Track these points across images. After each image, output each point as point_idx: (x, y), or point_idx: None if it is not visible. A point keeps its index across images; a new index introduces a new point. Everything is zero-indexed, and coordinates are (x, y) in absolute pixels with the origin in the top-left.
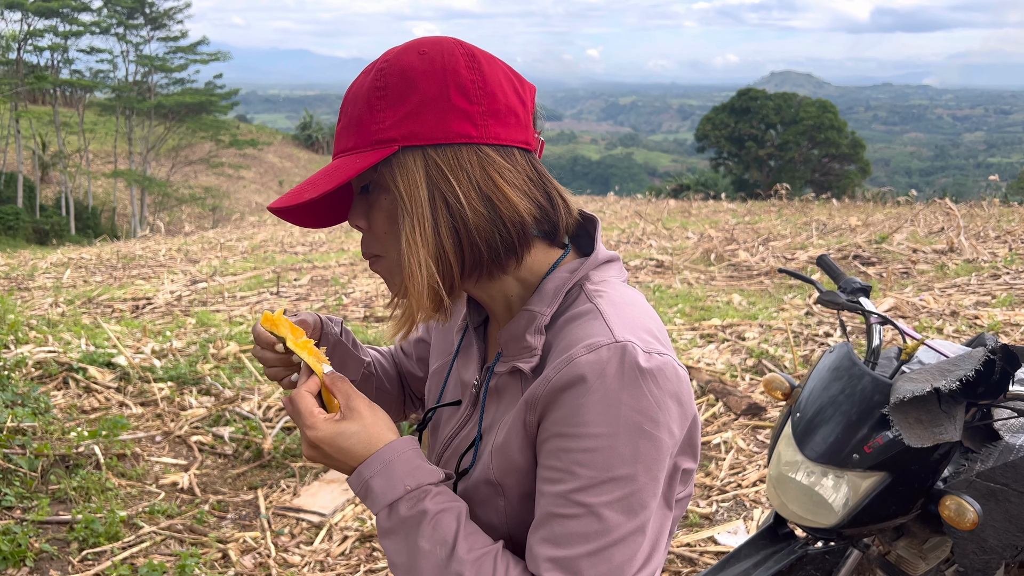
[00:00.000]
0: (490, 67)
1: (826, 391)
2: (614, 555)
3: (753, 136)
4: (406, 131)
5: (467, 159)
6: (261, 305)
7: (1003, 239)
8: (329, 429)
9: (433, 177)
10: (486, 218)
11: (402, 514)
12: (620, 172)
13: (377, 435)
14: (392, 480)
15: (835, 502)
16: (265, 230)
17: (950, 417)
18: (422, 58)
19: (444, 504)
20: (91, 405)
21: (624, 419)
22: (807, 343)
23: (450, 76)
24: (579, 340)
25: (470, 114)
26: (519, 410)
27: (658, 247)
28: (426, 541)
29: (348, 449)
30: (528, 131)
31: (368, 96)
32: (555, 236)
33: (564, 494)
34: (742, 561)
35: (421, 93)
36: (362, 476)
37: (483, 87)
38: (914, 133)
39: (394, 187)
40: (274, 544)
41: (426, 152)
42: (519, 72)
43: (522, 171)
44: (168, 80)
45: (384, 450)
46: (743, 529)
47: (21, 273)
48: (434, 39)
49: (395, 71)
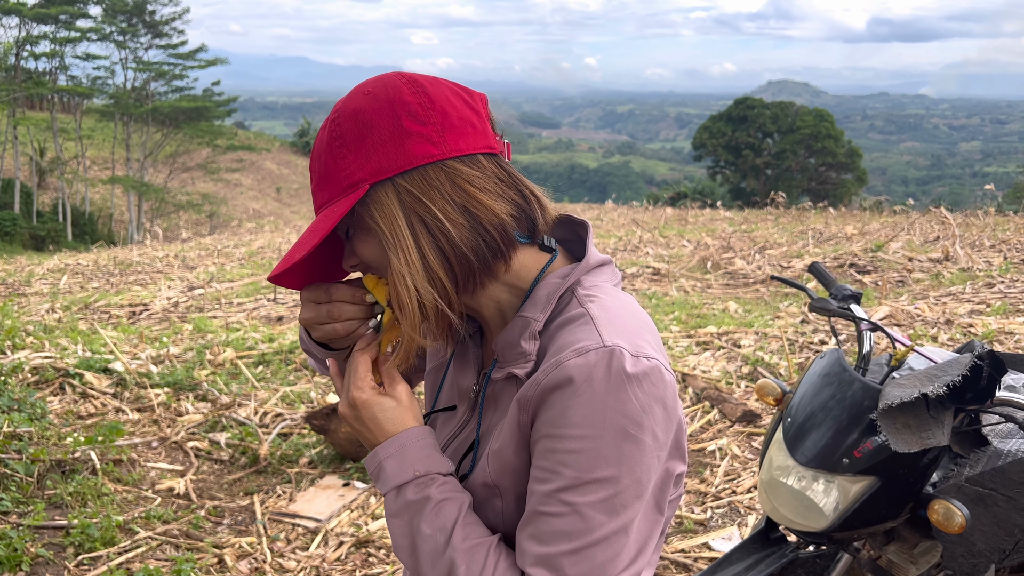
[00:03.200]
0: (434, 88)
1: (817, 397)
2: (596, 554)
3: (750, 145)
4: (372, 168)
5: (435, 177)
6: (257, 311)
7: (998, 248)
8: (372, 396)
9: (407, 203)
10: (467, 228)
11: (408, 498)
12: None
13: (403, 419)
14: (404, 464)
15: (826, 506)
16: (262, 236)
17: (938, 422)
18: (368, 97)
19: (448, 493)
20: (87, 411)
21: (609, 422)
22: (802, 351)
23: (398, 106)
24: (570, 344)
25: (426, 135)
26: (513, 411)
27: (655, 255)
28: (428, 526)
29: (379, 420)
30: (488, 136)
31: (329, 148)
32: (535, 234)
33: (550, 493)
34: (734, 565)
35: (376, 129)
36: (377, 456)
37: (431, 107)
38: (910, 142)
39: (374, 224)
40: (270, 549)
41: (395, 182)
42: (473, 85)
43: (491, 175)
44: (167, 88)
45: (403, 434)
46: (737, 535)
47: (18, 279)
48: (375, 78)
49: (346, 117)
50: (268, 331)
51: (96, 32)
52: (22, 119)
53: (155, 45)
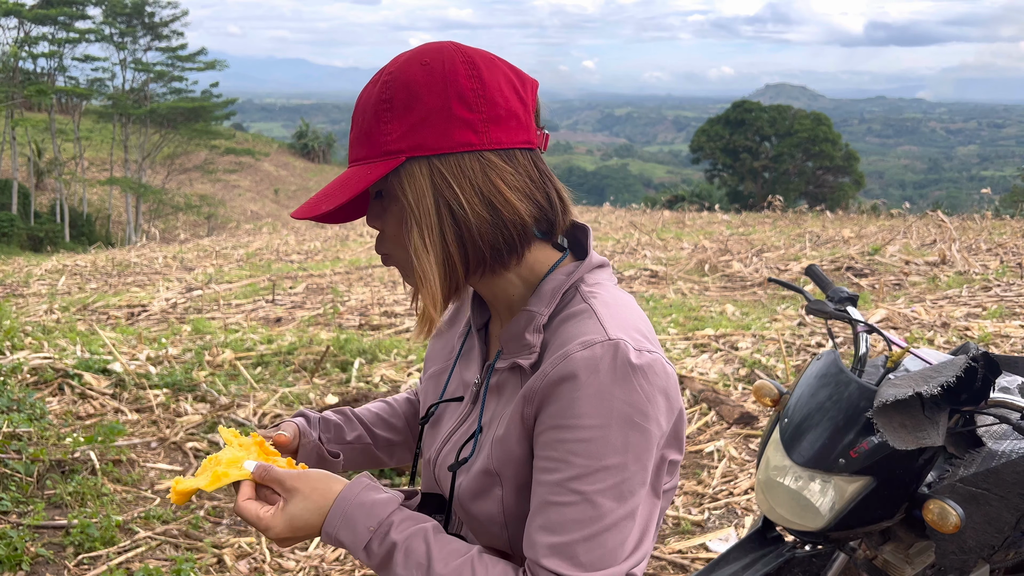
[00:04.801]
0: (489, 72)
1: (813, 397)
2: (607, 540)
3: (748, 148)
4: (412, 143)
5: (469, 166)
6: (256, 313)
7: (995, 252)
8: (281, 520)
9: (438, 185)
10: (488, 222)
11: (376, 551)
12: (615, 183)
13: (323, 496)
14: (355, 529)
15: (822, 506)
16: (260, 238)
17: (933, 423)
18: (424, 69)
19: (409, 530)
20: (86, 411)
21: (616, 412)
22: (799, 353)
23: (451, 87)
24: (574, 337)
25: (471, 122)
26: (518, 403)
27: (652, 257)
28: (401, 568)
29: (306, 524)
30: (529, 131)
31: (376, 108)
32: (552, 234)
33: (560, 482)
34: (731, 564)
35: (424, 105)
36: (329, 535)
37: (483, 94)
38: (908, 146)
39: (402, 196)
40: (269, 550)
41: (431, 162)
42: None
43: (523, 172)
44: (166, 89)
45: (337, 504)
46: (734, 536)
47: (16, 280)
48: (436, 47)
49: (399, 84)
50: (267, 332)
51: (95, 33)
52: (20, 120)
53: (154, 47)
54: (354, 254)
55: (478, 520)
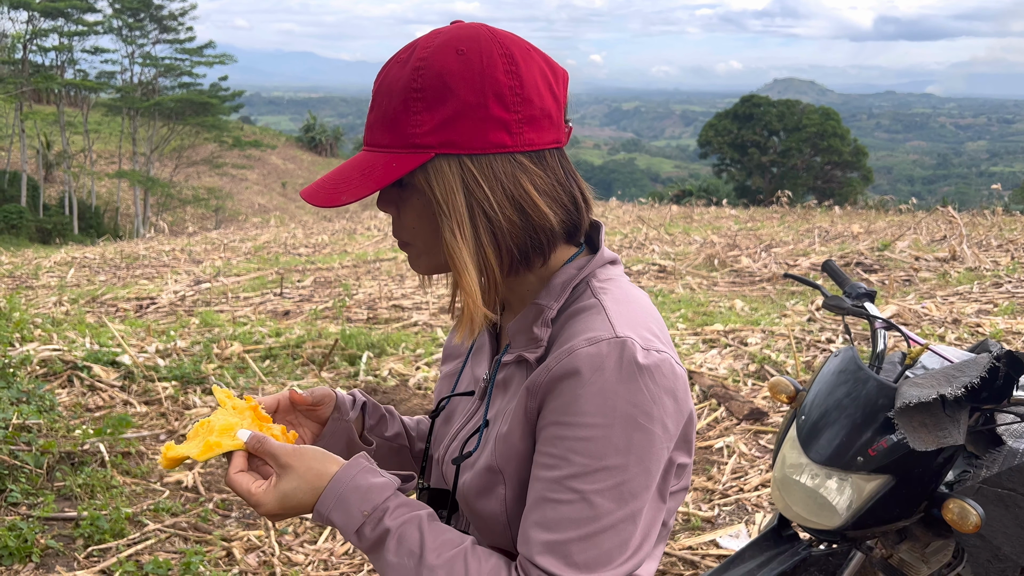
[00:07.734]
0: (527, 67)
1: (831, 395)
2: (604, 541)
3: (756, 143)
4: (443, 139)
5: (501, 169)
6: (264, 306)
7: (1005, 248)
8: (273, 497)
9: (469, 185)
10: (518, 226)
11: (368, 536)
12: (623, 177)
13: (317, 476)
14: (349, 511)
15: (839, 504)
16: (268, 231)
17: (954, 421)
18: (460, 59)
19: (404, 517)
20: (95, 403)
21: (619, 411)
22: (809, 349)
23: (488, 83)
24: (581, 333)
25: (506, 123)
26: (521, 397)
27: (661, 252)
28: (392, 555)
29: (299, 503)
30: (559, 129)
31: (404, 95)
32: (575, 236)
33: (558, 480)
34: (746, 562)
35: (459, 100)
36: (321, 515)
37: (520, 93)
38: (917, 141)
39: (429, 191)
40: (278, 543)
41: (462, 161)
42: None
43: (552, 175)
44: (174, 83)
45: (332, 485)
46: (745, 533)
47: (25, 272)
48: (472, 34)
49: (433, 73)
50: (275, 325)
51: (104, 26)
52: (29, 113)
53: (162, 40)
54: (361, 248)
55: (482, 519)
